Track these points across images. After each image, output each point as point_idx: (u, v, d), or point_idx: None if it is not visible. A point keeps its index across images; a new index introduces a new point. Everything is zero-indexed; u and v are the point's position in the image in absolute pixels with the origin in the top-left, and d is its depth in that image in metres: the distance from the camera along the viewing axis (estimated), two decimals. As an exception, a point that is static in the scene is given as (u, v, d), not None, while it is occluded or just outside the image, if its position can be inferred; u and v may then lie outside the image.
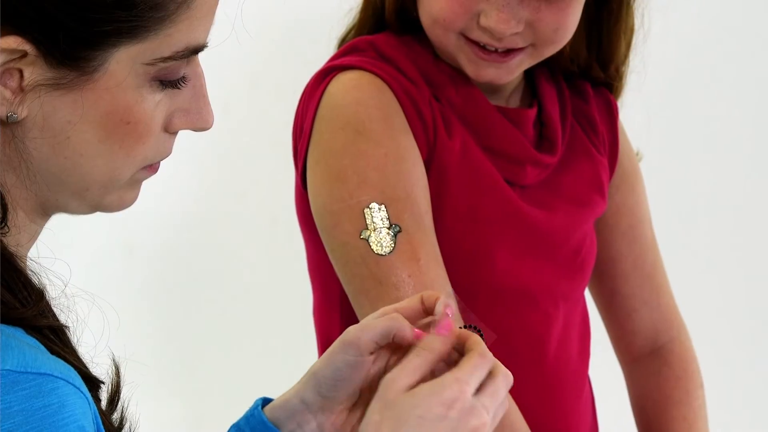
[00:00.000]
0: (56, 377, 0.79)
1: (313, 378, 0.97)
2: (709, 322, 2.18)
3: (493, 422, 0.93)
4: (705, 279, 2.45)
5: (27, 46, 0.81)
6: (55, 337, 0.83)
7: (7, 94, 0.82)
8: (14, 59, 0.81)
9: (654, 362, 1.46)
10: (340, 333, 1.28)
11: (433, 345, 0.92)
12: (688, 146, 2.48)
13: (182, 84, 0.88)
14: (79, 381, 0.81)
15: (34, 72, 0.82)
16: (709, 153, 2.50)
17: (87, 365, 0.85)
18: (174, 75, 0.87)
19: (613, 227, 1.44)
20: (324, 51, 1.36)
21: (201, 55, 0.90)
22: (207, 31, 0.87)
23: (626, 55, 1.37)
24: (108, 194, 0.89)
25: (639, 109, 1.56)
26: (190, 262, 2.40)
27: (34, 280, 0.84)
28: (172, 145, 0.90)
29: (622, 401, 1.50)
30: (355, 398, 0.98)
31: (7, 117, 0.82)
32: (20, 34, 0.80)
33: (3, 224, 0.83)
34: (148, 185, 0.96)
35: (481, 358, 0.92)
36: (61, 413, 0.78)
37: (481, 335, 0.95)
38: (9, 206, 0.84)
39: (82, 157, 0.85)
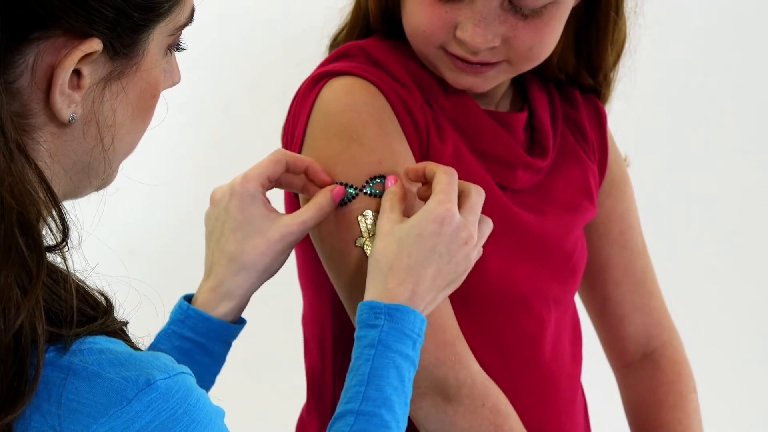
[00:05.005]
0: (185, 373, 0.82)
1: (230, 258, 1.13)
2: (700, 327, 2.19)
3: (480, 236, 1.10)
4: (695, 284, 2.46)
5: (100, 46, 0.82)
6: (123, 334, 0.86)
7: (76, 96, 0.82)
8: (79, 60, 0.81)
9: (647, 367, 1.46)
10: (332, 339, 1.30)
11: (392, 188, 1.12)
12: (678, 152, 2.49)
13: (182, 48, 0.91)
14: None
15: (96, 69, 0.83)
16: (700, 159, 2.50)
17: None
18: (178, 41, 0.90)
19: (603, 234, 1.44)
20: (326, 53, 1.36)
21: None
22: None
23: (615, 63, 1.37)
24: (115, 171, 0.91)
25: (630, 115, 1.56)
26: (189, 265, 2.40)
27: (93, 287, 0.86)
28: None
29: (615, 407, 1.51)
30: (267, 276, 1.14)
31: (69, 120, 0.83)
32: (94, 34, 0.81)
33: (64, 242, 0.83)
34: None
35: (446, 175, 1.09)
36: (205, 399, 0.82)
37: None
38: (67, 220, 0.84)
39: (116, 141, 0.86)
